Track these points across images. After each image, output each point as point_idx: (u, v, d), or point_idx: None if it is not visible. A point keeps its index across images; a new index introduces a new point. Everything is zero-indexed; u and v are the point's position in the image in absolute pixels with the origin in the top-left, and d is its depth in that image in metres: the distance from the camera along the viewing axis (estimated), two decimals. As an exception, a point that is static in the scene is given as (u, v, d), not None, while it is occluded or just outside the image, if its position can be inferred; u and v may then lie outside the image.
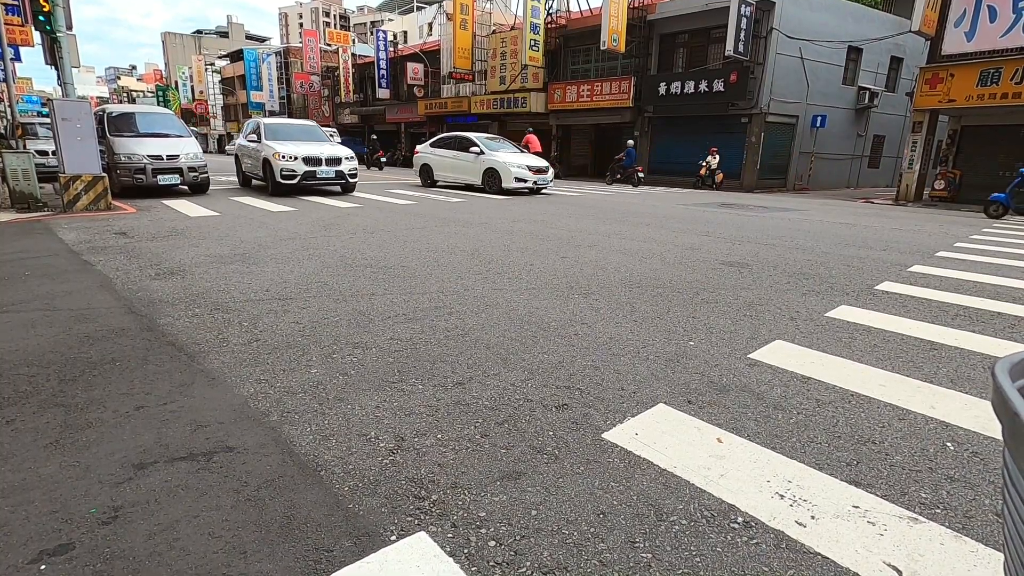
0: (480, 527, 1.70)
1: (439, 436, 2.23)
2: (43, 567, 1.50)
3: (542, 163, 14.49)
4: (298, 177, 11.38)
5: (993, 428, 2.40)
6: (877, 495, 1.91)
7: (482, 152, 14.18)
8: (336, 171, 11.89)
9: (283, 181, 11.31)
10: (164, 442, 2.13)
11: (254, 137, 12.55)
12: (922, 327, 3.86)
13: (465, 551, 1.60)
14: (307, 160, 11.47)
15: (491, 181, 13.95)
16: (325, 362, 2.94)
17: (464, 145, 14.72)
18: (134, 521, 1.69)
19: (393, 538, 1.64)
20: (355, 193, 12.86)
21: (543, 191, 14.94)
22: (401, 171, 24.95)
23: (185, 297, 4.12)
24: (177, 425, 2.26)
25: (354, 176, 12.36)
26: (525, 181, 13.75)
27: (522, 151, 15.38)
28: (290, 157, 11.35)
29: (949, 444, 2.28)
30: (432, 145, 15.90)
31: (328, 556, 1.56)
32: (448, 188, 15.31)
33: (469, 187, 15.08)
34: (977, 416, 2.52)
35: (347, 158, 12.16)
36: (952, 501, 1.90)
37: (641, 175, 19.18)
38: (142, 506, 1.76)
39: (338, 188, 12.93)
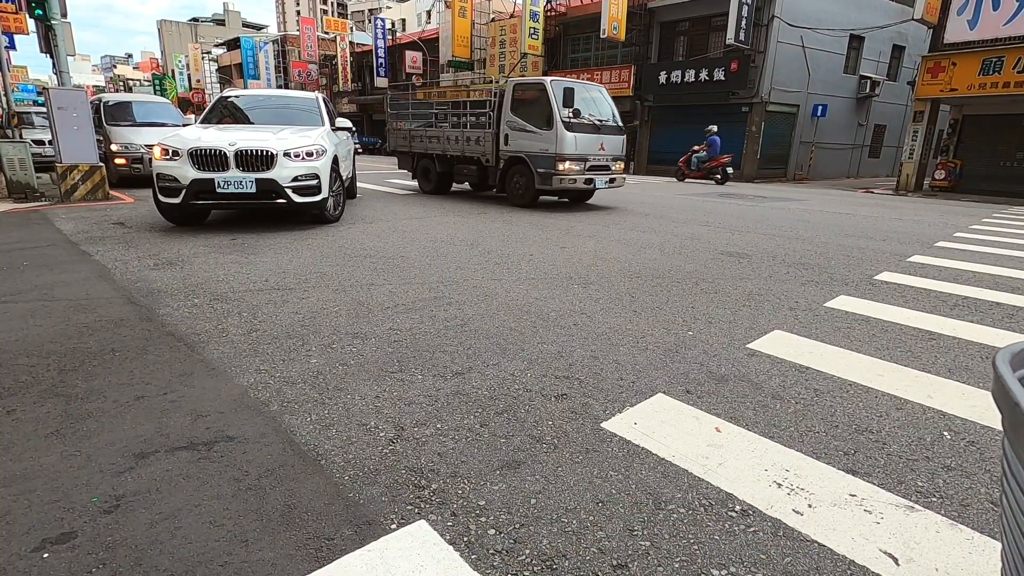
0: (480, 515, 1.71)
1: (439, 426, 2.24)
2: (46, 555, 1.51)
3: None
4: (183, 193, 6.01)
5: (990, 417, 2.41)
6: (874, 483, 1.92)
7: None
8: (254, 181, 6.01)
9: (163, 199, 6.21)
10: (164, 432, 2.13)
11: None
12: (921, 317, 3.87)
13: (465, 539, 1.61)
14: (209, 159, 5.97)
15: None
16: (324, 352, 2.95)
17: None
18: (135, 510, 1.70)
19: (393, 527, 1.65)
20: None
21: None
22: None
23: (184, 287, 4.12)
24: (177, 415, 2.26)
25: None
26: None
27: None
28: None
29: (946, 433, 2.30)
30: None
31: (329, 544, 1.58)
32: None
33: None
34: (974, 405, 2.53)
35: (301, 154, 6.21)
36: (948, 490, 1.91)
37: (730, 170, 15.99)
38: (143, 495, 1.77)
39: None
